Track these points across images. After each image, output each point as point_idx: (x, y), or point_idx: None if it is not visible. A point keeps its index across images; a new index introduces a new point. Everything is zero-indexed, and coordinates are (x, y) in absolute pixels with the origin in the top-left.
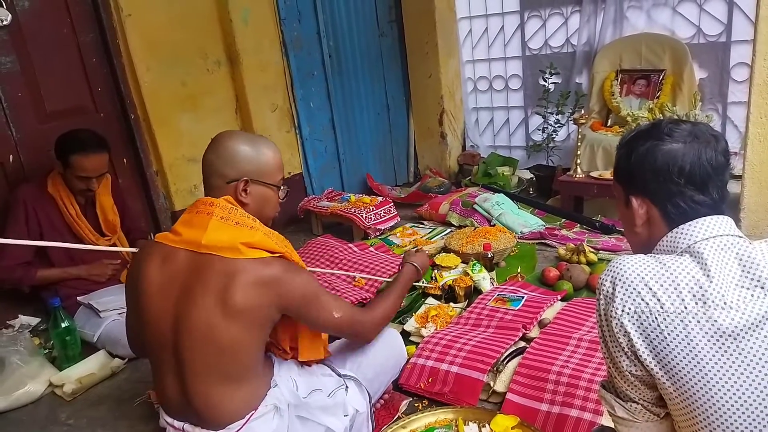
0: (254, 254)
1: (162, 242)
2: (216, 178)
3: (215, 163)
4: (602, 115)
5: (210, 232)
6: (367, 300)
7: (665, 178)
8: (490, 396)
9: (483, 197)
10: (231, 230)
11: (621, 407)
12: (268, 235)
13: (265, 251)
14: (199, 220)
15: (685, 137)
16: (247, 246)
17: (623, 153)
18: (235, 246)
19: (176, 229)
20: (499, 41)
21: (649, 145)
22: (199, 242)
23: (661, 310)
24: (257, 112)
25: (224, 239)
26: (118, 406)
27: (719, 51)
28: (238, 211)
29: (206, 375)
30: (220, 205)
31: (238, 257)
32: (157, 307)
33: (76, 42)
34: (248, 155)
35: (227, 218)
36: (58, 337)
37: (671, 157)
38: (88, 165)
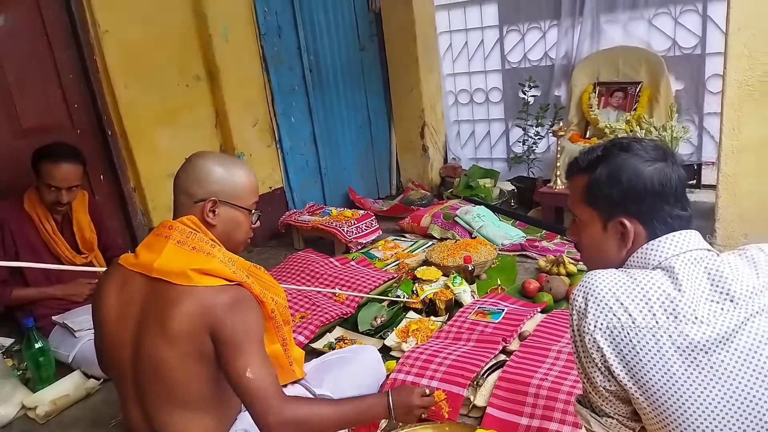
0: (205, 281)
1: (122, 265)
2: (183, 196)
3: (184, 181)
4: (581, 127)
5: (163, 256)
6: (348, 315)
7: (660, 199)
8: (471, 410)
9: (464, 209)
10: (184, 255)
11: (596, 422)
12: (226, 263)
13: (220, 278)
14: (156, 243)
15: (661, 156)
16: (199, 272)
17: (603, 179)
18: (184, 272)
19: (137, 250)
20: (479, 55)
21: (636, 168)
22: (151, 266)
23: (633, 325)
24: (237, 126)
25: (175, 265)
26: (92, 428)
27: (694, 63)
28: (197, 236)
29: (164, 403)
30: (178, 228)
31: (187, 284)
32: (115, 333)
33: (52, 58)
34: (219, 175)
35: (184, 242)
36: (32, 358)
37: (667, 179)
38: (57, 174)
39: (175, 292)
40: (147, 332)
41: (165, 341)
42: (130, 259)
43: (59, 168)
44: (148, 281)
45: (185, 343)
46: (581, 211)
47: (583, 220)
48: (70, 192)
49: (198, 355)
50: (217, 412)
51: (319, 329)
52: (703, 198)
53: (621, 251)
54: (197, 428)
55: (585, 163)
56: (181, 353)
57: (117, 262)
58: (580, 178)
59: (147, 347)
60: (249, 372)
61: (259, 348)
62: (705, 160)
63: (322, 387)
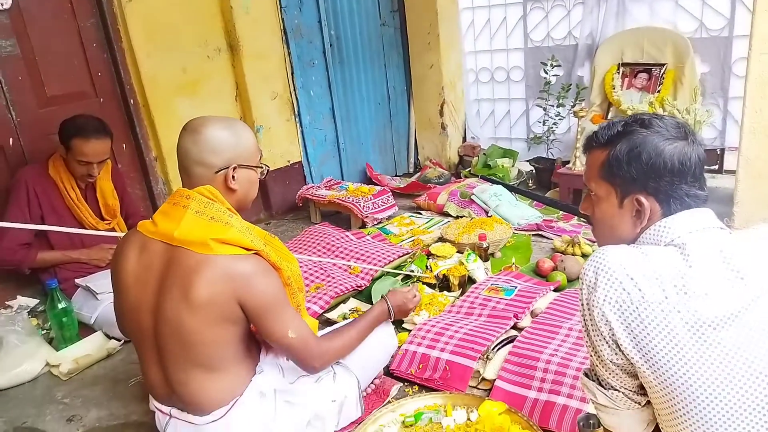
0: (225, 250)
1: (141, 231)
2: (199, 167)
3: (196, 153)
4: (603, 108)
5: (183, 225)
6: (362, 288)
7: (679, 178)
8: (480, 383)
9: (481, 188)
10: (204, 225)
11: (603, 395)
12: (244, 232)
13: (238, 248)
14: (174, 212)
15: (682, 134)
16: (218, 242)
17: (622, 156)
18: (205, 242)
19: (154, 218)
20: (502, 32)
21: (657, 146)
22: (171, 235)
23: (643, 300)
24: (257, 99)
25: (195, 234)
26: (113, 387)
27: (721, 45)
28: (215, 205)
29: (183, 364)
30: (196, 198)
31: (208, 253)
32: (135, 297)
33: (76, 27)
34: (231, 141)
35: (202, 212)
36: (56, 318)
37: (687, 158)
38: (88, 150)
39: (196, 260)
40: (168, 297)
41: (187, 307)
42: (149, 226)
43: (90, 144)
44: (168, 248)
45: (208, 309)
46: (597, 186)
47: (599, 195)
48: (101, 165)
49: (221, 319)
50: (234, 374)
51: (333, 300)
52: (725, 184)
53: (635, 228)
54: (215, 388)
55: (605, 138)
56: (203, 318)
57: (135, 229)
58: (599, 152)
59: (168, 311)
60: (290, 332)
61: (289, 308)
62: (728, 146)
63: None
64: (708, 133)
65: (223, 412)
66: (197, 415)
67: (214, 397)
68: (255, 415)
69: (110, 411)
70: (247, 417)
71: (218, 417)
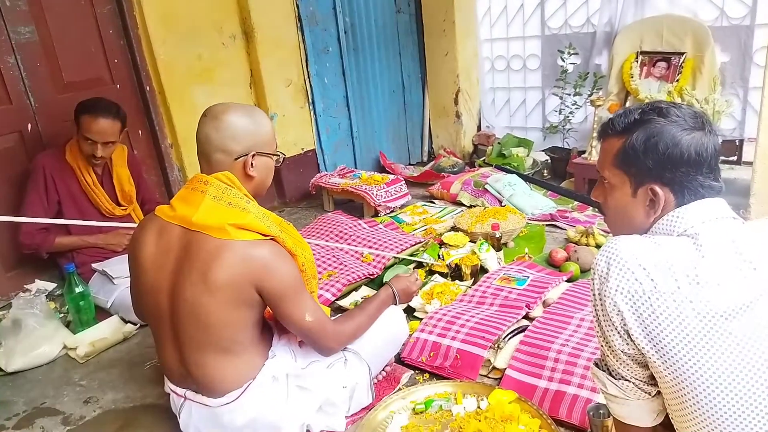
0: (242, 236)
1: (159, 216)
2: (219, 154)
3: (217, 139)
4: (620, 97)
5: (201, 211)
6: (374, 276)
7: (695, 168)
8: (490, 372)
9: (495, 178)
10: (221, 210)
11: (613, 385)
12: (261, 218)
13: (255, 233)
14: (192, 197)
15: (699, 124)
16: (236, 227)
17: (639, 145)
18: (223, 227)
19: (172, 203)
20: (519, 20)
21: (674, 136)
22: (190, 220)
23: (655, 290)
24: (271, 87)
25: (213, 219)
26: (128, 370)
27: (742, 34)
28: (232, 191)
29: (199, 347)
30: (214, 184)
31: (226, 238)
32: (153, 279)
33: (93, 13)
34: (251, 129)
35: (220, 198)
36: (73, 302)
37: (704, 149)
38: (93, 127)
39: (214, 245)
40: (186, 280)
41: (206, 290)
42: (167, 210)
43: (97, 122)
44: (186, 233)
45: (226, 292)
46: (612, 174)
47: (613, 183)
48: (106, 147)
49: (238, 303)
50: (248, 357)
51: (345, 288)
52: (743, 175)
53: (648, 217)
54: (230, 371)
55: (621, 126)
56: (220, 301)
57: (153, 213)
58: (615, 140)
59: (186, 294)
60: (307, 316)
61: (305, 292)
62: (747, 137)
63: None
64: (727, 124)
65: (237, 395)
66: (211, 397)
67: (229, 380)
68: (267, 399)
69: (126, 393)
70: (260, 400)
71: (232, 399)
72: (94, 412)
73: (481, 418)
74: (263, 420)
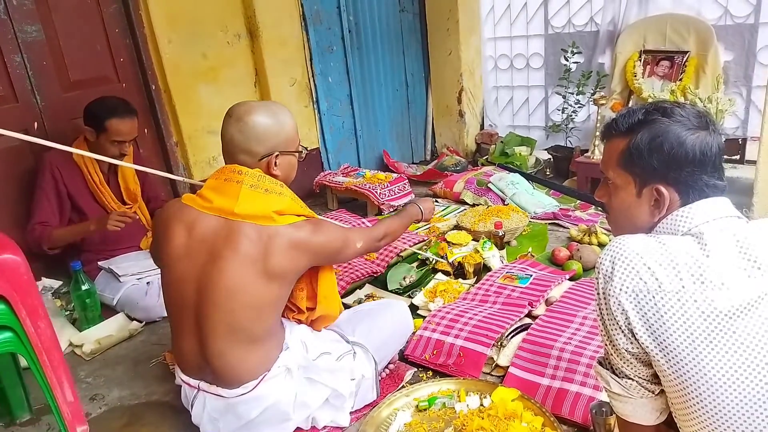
0: (286, 220)
1: (190, 205)
2: (244, 155)
3: (241, 141)
4: (623, 96)
5: (242, 200)
6: (378, 274)
7: (700, 168)
8: (493, 369)
9: (498, 176)
10: (262, 198)
11: (617, 383)
12: (296, 200)
13: (294, 215)
14: (228, 188)
15: (703, 124)
16: (279, 213)
17: (644, 145)
18: (268, 215)
19: (205, 195)
20: (522, 18)
21: (679, 136)
22: (231, 210)
23: (659, 289)
24: (276, 85)
25: (257, 208)
26: (134, 367)
27: (746, 33)
28: (267, 178)
29: (226, 335)
30: (248, 173)
31: (272, 224)
32: (183, 269)
33: (99, 12)
34: (275, 129)
35: (257, 186)
36: (79, 299)
37: (708, 149)
38: (123, 128)
39: (266, 233)
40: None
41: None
42: (199, 201)
43: (125, 123)
44: (226, 223)
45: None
46: (616, 175)
47: (617, 183)
48: (130, 143)
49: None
50: (268, 347)
51: (349, 285)
52: (747, 174)
53: (652, 217)
54: (250, 360)
55: (625, 126)
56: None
57: (181, 203)
58: (619, 141)
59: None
60: (358, 244)
61: (346, 230)
62: (751, 135)
63: (354, 335)
64: (730, 123)
65: (252, 386)
66: (228, 388)
67: (248, 370)
68: (280, 390)
69: (132, 390)
70: (273, 391)
71: (247, 390)
72: (100, 409)
73: (484, 416)
74: (275, 410)
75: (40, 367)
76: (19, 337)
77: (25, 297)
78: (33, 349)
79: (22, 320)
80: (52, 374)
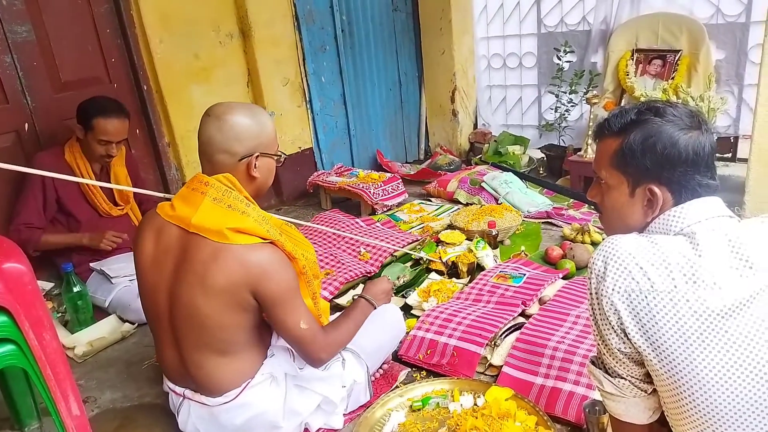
0: (241, 239)
1: (159, 213)
2: (223, 155)
3: (219, 140)
4: (616, 95)
5: (200, 212)
6: (371, 274)
7: (693, 168)
8: (487, 369)
9: (491, 175)
10: (221, 213)
11: (609, 383)
12: (260, 221)
13: (254, 237)
14: (193, 198)
15: (696, 123)
16: (234, 231)
17: (636, 145)
18: (221, 230)
19: (173, 202)
20: (515, 18)
21: (672, 136)
22: (188, 221)
23: (652, 289)
24: (269, 85)
25: (212, 222)
26: (126, 369)
27: (738, 32)
28: (232, 194)
29: (197, 347)
30: (214, 185)
31: (224, 242)
32: (152, 279)
33: (90, 12)
34: (255, 130)
35: (220, 200)
36: (71, 302)
37: (701, 148)
38: (110, 128)
39: (212, 248)
40: (183, 282)
41: (203, 293)
42: (167, 209)
43: (112, 123)
44: (185, 234)
45: (223, 296)
46: (609, 175)
47: (610, 183)
48: (119, 145)
49: (235, 306)
50: (246, 358)
51: (343, 286)
52: (738, 172)
53: (645, 217)
54: (228, 371)
55: (617, 126)
56: (217, 305)
57: (155, 211)
58: (611, 140)
59: (184, 296)
60: (302, 324)
61: (301, 299)
62: (742, 134)
63: None
64: (722, 121)
65: (235, 394)
66: (210, 396)
67: (227, 380)
68: (266, 398)
69: (124, 393)
70: (258, 399)
71: (230, 399)
72: (92, 411)
73: (478, 415)
74: (261, 419)
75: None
76: (21, 349)
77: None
78: (36, 363)
79: (25, 332)
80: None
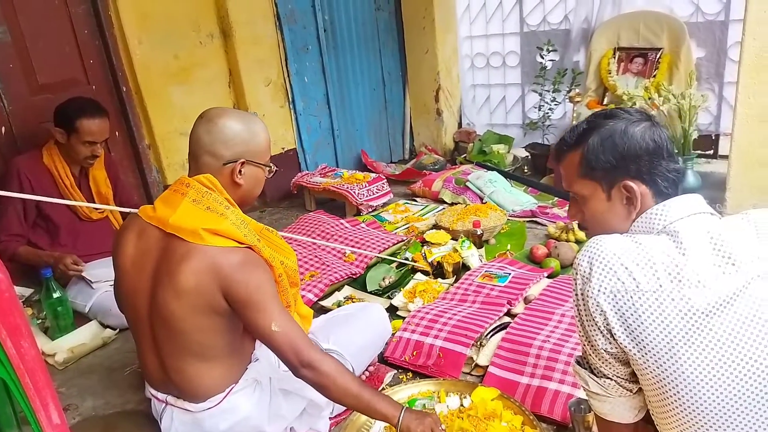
0: (216, 241)
1: (140, 215)
2: (208, 157)
3: (206, 141)
4: (599, 93)
5: (178, 213)
6: (357, 275)
7: (656, 156)
8: (473, 369)
9: (476, 175)
10: (199, 214)
11: (595, 383)
12: (238, 225)
13: (231, 240)
14: (173, 199)
15: (645, 117)
16: (209, 232)
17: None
18: (196, 231)
19: (155, 204)
20: (498, 17)
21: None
22: (166, 221)
23: (637, 289)
24: (251, 86)
25: (188, 222)
26: (108, 376)
27: (717, 30)
28: (212, 195)
29: (176, 352)
30: (195, 187)
31: (198, 242)
32: (132, 282)
33: (68, 13)
34: (244, 136)
35: (199, 201)
36: (51, 308)
37: (657, 136)
38: (95, 128)
39: (186, 248)
40: (159, 284)
41: (175, 295)
42: (148, 211)
43: (96, 123)
44: (164, 235)
45: (193, 297)
46: (581, 187)
47: (585, 195)
48: (102, 145)
49: (206, 309)
50: (228, 362)
51: (328, 288)
52: (719, 169)
53: (630, 215)
54: (209, 376)
55: (573, 139)
56: (188, 306)
57: (136, 214)
58: (572, 155)
59: (160, 298)
60: (274, 326)
61: (276, 301)
62: (723, 131)
63: (329, 342)
64: (703, 119)
65: (219, 400)
66: (193, 402)
67: (209, 385)
68: (250, 403)
69: (106, 400)
70: (243, 404)
71: (214, 404)
72: (74, 419)
73: (465, 416)
74: (246, 424)
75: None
76: None
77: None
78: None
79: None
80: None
